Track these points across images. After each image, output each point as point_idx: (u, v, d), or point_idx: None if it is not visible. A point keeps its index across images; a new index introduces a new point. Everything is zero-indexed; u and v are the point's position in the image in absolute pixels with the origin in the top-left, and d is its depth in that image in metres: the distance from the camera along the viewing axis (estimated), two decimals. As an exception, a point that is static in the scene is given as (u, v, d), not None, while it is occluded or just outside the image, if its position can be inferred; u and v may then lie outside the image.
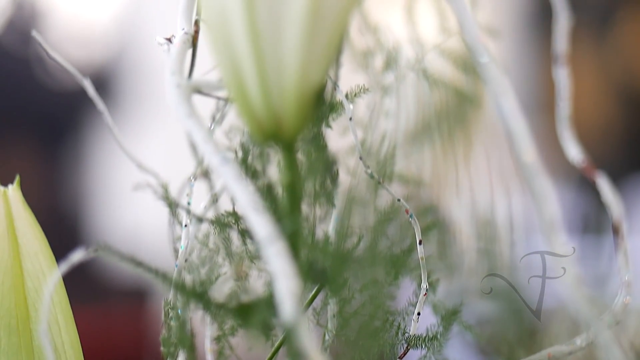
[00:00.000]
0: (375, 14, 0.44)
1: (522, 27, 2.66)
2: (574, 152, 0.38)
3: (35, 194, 2.70)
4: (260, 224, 0.34)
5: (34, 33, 0.43)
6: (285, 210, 0.37)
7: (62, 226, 2.63)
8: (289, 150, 0.37)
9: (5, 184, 0.47)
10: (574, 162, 0.38)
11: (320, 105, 0.38)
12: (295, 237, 0.37)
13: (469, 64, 0.44)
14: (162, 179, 0.43)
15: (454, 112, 0.43)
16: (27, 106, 2.82)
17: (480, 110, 0.43)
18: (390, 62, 0.44)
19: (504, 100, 0.36)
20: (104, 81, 2.74)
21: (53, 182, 2.83)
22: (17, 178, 0.47)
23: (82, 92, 0.45)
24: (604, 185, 0.38)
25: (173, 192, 0.43)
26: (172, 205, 0.42)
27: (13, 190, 0.46)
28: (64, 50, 2.73)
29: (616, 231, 0.39)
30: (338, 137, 0.42)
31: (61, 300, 0.46)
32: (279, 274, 0.33)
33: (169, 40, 0.42)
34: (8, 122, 2.83)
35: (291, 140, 0.37)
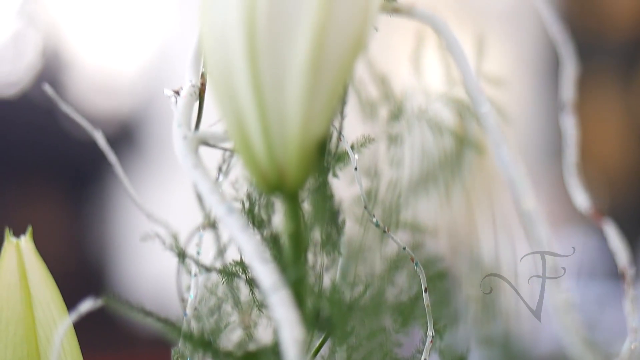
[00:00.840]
0: (381, 64, 0.44)
1: (540, 74, 2.67)
2: (581, 199, 0.39)
3: (60, 244, 2.72)
4: (265, 272, 0.34)
5: (46, 86, 0.43)
6: (290, 259, 0.37)
7: (87, 275, 2.64)
8: (292, 200, 0.37)
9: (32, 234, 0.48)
10: (581, 209, 0.39)
11: (324, 155, 0.38)
12: (299, 286, 0.37)
13: (473, 113, 0.44)
14: (172, 228, 0.43)
15: (459, 160, 0.43)
16: (52, 156, 2.84)
17: (484, 158, 0.44)
18: (397, 111, 0.45)
19: (504, 149, 0.37)
20: (129, 131, 2.77)
21: (78, 231, 2.85)
22: (29, 229, 0.47)
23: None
24: (611, 232, 0.39)
25: (186, 242, 0.44)
26: (181, 255, 0.43)
27: (25, 242, 0.47)
28: (91, 101, 2.76)
29: (623, 277, 0.39)
30: (346, 186, 0.43)
31: (72, 349, 0.46)
32: (284, 322, 0.33)
33: (177, 92, 0.42)
34: (34, 172, 2.85)
35: (294, 190, 0.37)
